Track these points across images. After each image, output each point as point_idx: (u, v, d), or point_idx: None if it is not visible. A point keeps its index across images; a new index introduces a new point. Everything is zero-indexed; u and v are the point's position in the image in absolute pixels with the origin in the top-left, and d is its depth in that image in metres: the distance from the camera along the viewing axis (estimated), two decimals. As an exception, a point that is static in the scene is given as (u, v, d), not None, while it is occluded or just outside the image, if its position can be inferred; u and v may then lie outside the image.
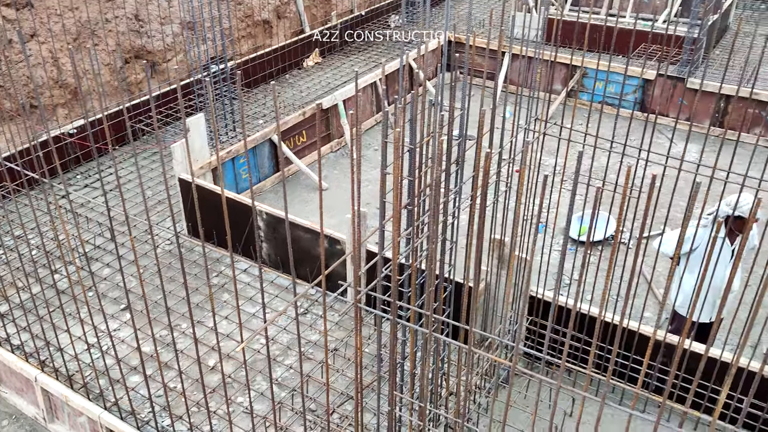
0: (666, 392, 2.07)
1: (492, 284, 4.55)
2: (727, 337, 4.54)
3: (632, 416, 2.16)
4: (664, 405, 2.05)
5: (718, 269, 4.21)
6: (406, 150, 3.00)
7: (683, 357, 4.43)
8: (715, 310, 4.67)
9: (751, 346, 5.15)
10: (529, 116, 3.86)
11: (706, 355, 2.13)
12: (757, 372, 2.90)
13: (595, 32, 9.33)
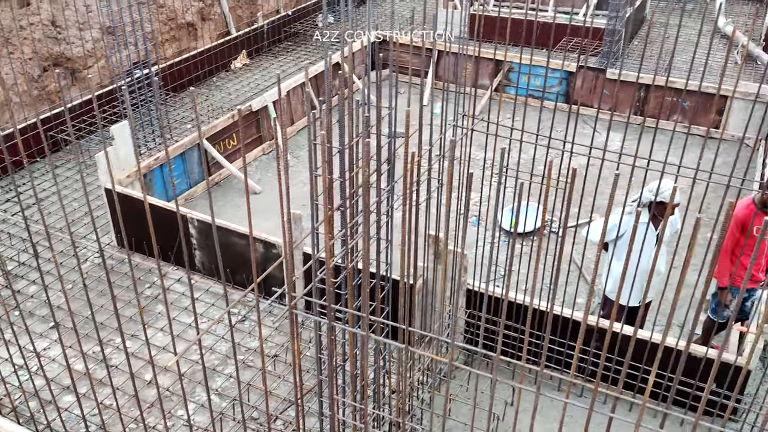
0: (598, 376, 2.13)
1: (429, 280, 4.58)
2: (656, 319, 4.71)
3: (569, 403, 2.21)
4: (596, 390, 2.10)
5: (645, 254, 4.35)
6: (335, 151, 2.98)
7: (615, 340, 4.57)
8: (641, 294, 4.83)
9: (678, 325, 5.36)
10: (456, 112, 3.91)
11: (635, 337, 2.20)
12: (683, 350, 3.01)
13: (519, 27, 9.52)
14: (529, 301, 2.14)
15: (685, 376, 4.43)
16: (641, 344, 4.50)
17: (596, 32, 10.04)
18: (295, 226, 4.84)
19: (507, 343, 5.00)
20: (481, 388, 4.81)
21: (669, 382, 4.46)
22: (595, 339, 4.61)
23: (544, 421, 4.55)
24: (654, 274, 4.80)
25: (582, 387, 4.85)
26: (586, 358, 4.72)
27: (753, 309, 4.88)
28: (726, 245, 4.70)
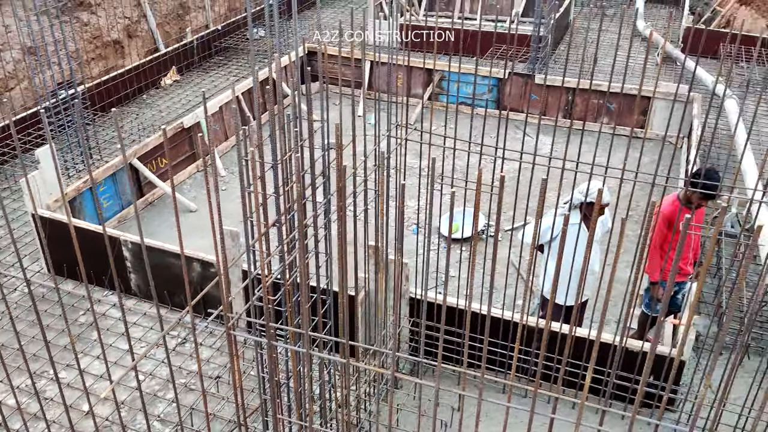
0: (538, 376, 2.16)
1: (372, 291, 4.57)
2: (593, 316, 4.82)
3: (511, 406, 2.23)
4: (536, 391, 2.13)
5: (579, 254, 4.46)
6: (269, 167, 2.95)
7: (555, 340, 4.66)
8: (581, 292, 4.94)
9: (615, 321, 5.51)
10: (389, 122, 3.92)
11: (571, 336, 2.25)
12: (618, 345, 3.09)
13: (450, 36, 9.66)
14: (467, 306, 2.16)
15: (624, 370, 4.55)
16: (580, 342, 4.59)
17: (523, 39, 10.28)
18: (232, 244, 4.76)
19: (452, 350, 5.04)
20: (427, 396, 4.83)
21: (610, 377, 4.57)
22: (536, 340, 4.69)
23: (490, 424, 4.60)
24: (588, 272, 4.93)
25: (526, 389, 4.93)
26: (529, 359, 4.79)
27: (684, 301, 5.05)
28: (655, 241, 4.86)
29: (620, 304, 5.25)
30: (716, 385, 4.55)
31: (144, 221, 7.65)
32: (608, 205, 4.75)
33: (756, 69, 9.96)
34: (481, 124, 5.04)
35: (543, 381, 4.96)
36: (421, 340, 2.52)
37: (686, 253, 5.04)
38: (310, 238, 3.22)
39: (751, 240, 1.84)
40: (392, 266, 4.65)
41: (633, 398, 4.64)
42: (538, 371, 2.11)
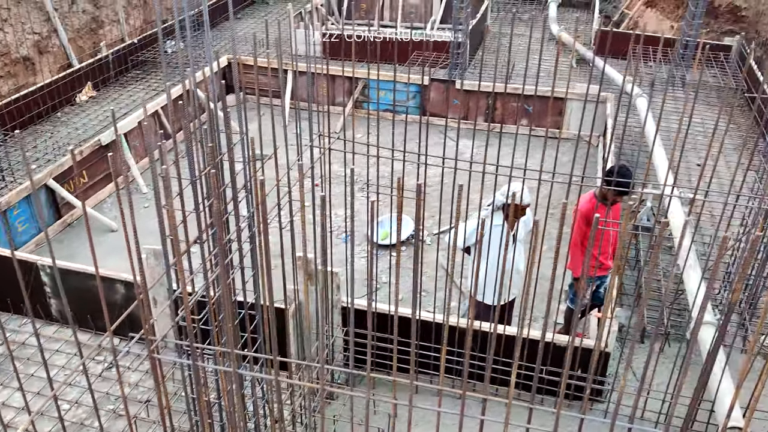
0: (465, 376, 2.18)
1: (304, 303, 4.53)
2: (521, 314, 4.93)
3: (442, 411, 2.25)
4: (464, 393, 2.16)
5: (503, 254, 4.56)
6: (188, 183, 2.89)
7: (486, 340, 4.74)
8: (507, 292, 5.04)
9: (543, 318, 5.65)
10: (311, 132, 3.91)
11: (496, 334, 2.29)
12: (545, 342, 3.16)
13: (371, 44, 9.72)
14: (395, 311, 2.17)
15: (554, 365, 4.66)
16: (510, 341, 4.69)
17: (442, 46, 10.45)
18: (156, 263, 4.64)
19: (387, 356, 5.05)
20: (363, 405, 4.82)
21: (540, 374, 4.68)
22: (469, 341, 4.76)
23: (426, 428, 4.63)
24: (513, 272, 5.05)
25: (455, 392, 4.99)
26: (462, 360, 4.85)
27: (606, 295, 5.23)
28: (575, 238, 5.02)
29: (547, 301, 5.39)
30: (641, 374, 4.73)
31: (63, 243, 7.36)
32: (529, 206, 4.87)
33: (663, 67, 10.44)
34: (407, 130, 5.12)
35: (477, 382, 5.03)
36: (351, 349, 2.52)
37: (606, 248, 5.22)
38: (235, 252, 3.17)
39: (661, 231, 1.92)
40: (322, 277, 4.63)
41: (567, 393, 4.77)
42: (464, 372, 2.13)
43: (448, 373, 5.09)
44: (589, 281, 5.17)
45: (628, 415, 4.57)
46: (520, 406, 2.37)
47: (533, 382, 2.19)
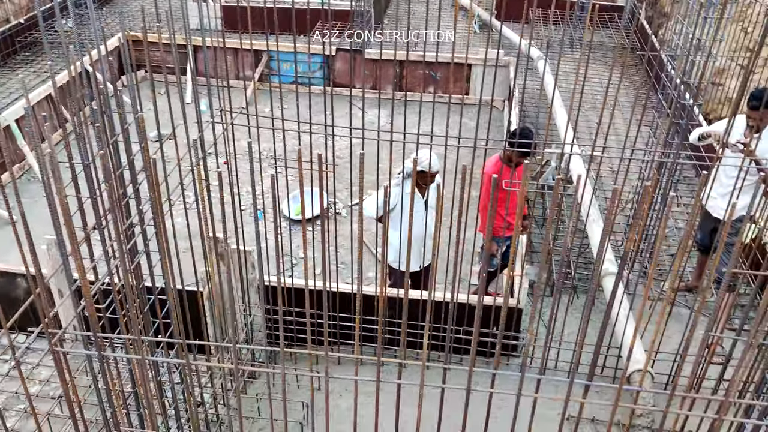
0: (379, 343, 2.20)
1: (218, 284, 4.45)
2: (436, 278, 5.02)
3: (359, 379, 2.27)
4: (380, 360, 2.18)
5: (417, 221, 4.62)
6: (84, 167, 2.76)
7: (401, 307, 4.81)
8: (422, 258, 5.12)
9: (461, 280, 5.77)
10: (211, 108, 3.81)
11: (406, 298, 2.33)
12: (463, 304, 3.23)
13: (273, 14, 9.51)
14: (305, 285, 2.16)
15: (471, 326, 4.79)
16: (426, 305, 4.77)
17: (347, 14, 10.35)
18: (58, 253, 4.43)
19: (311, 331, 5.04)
20: (288, 381, 4.82)
21: (458, 334, 4.80)
22: (386, 309, 4.82)
23: (349, 398, 4.67)
24: (427, 238, 5.13)
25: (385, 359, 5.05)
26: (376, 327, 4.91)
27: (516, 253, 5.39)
28: (484, 201, 5.13)
29: (462, 264, 5.51)
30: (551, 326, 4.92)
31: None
32: (438, 173, 4.93)
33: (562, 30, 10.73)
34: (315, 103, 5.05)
35: (398, 348, 5.11)
36: (263, 327, 2.50)
37: (513, 209, 5.36)
38: (138, 236, 3.07)
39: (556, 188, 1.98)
40: (236, 256, 4.55)
41: (482, 351, 4.92)
42: (379, 338, 2.16)
43: (371, 342, 5.15)
44: (499, 242, 5.32)
45: (543, 366, 4.77)
46: (436, 367, 2.42)
47: (446, 342, 2.24)
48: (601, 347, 4.74)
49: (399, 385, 2.31)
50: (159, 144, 3.09)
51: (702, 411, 4.02)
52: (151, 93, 3.06)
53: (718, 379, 3.82)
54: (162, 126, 3.34)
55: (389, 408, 2.43)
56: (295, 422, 4.40)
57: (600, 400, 4.52)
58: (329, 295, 4.87)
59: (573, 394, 2.02)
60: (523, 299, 4.81)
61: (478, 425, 2.56)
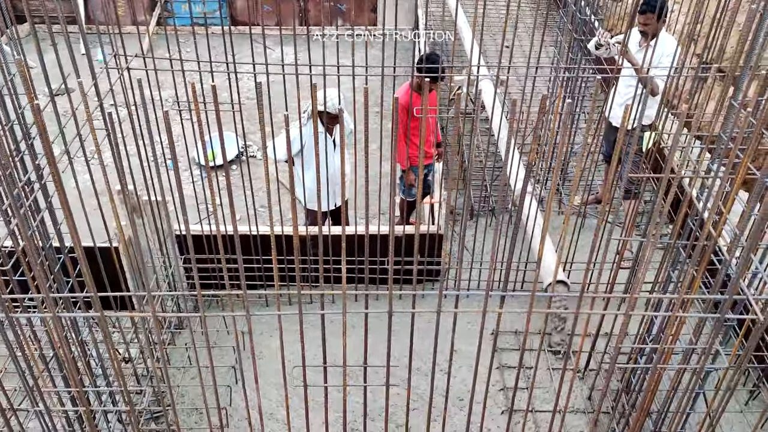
0: (298, 280, 2.21)
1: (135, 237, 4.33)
2: (356, 214, 5.05)
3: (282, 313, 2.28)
4: (300, 293, 2.19)
5: (328, 160, 4.59)
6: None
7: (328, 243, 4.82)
8: (336, 196, 5.11)
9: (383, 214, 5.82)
10: (104, 54, 3.61)
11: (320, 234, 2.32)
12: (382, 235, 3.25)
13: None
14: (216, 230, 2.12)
15: (397, 255, 4.85)
16: (350, 239, 4.80)
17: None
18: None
19: (233, 276, 5.01)
20: (216, 327, 4.79)
21: (383, 266, 4.86)
22: (310, 247, 4.82)
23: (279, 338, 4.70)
24: (338, 176, 5.10)
25: (311, 295, 5.09)
26: (307, 266, 4.93)
27: (434, 181, 5.47)
28: (399, 131, 5.14)
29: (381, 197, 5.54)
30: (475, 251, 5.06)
31: None
32: (343, 110, 4.88)
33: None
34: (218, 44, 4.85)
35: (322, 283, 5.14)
36: (180, 274, 2.46)
37: (428, 137, 5.40)
38: (38, 192, 2.93)
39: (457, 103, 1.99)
40: (151, 207, 4.42)
41: (410, 279, 5.01)
42: (297, 276, 2.15)
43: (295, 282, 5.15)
44: (417, 171, 5.36)
45: (462, 288, 4.91)
46: (358, 293, 2.45)
47: (365, 270, 2.26)
48: (519, 264, 4.93)
49: (323, 316, 2.33)
50: (50, 97, 2.91)
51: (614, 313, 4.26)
52: (35, 46, 2.87)
53: (627, 280, 4.04)
54: (55, 80, 3.16)
55: (318, 341, 2.46)
56: (228, 367, 4.40)
57: (518, 309, 4.73)
58: (249, 240, 4.83)
59: (491, 306, 2.09)
60: (443, 225, 4.90)
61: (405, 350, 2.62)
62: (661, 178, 2.01)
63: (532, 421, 4.02)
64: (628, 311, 2.17)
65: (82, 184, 5.52)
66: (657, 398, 4.18)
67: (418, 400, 4.15)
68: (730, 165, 2.03)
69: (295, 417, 4.02)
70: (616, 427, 3.79)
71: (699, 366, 2.46)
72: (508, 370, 4.38)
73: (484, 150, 6.77)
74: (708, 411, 2.67)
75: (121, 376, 2.44)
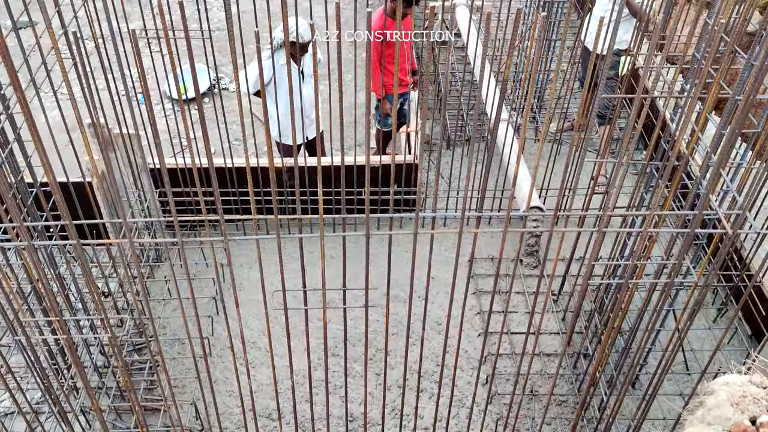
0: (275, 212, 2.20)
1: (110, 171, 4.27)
2: (332, 146, 5.02)
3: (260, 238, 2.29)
4: (277, 221, 2.19)
5: (295, 93, 4.51)
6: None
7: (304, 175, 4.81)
8: (307, 129, 5.06)
9: (359, 145, 5.79)
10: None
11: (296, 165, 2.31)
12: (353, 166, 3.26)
13: None
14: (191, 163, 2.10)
15: (375, 185, 4.85)
16: (326, 171, 4.78)
17: None
18: None
19: (209, 209, 4.99)
20: (195, 260, 4.81)
21: (360, 196, 4.87)
22: (286, 179, 4.80)
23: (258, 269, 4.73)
24: (310, 108, 5.04)
25: (289, 224, 5.11)
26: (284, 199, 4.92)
27: (409, 110, 5.42)
28: (373, 60, 5.06)
29: (357, 129, 5.50)
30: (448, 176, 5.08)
31: None
32: (311, 41, 4.78)
33: None
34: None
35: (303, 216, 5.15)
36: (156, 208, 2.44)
37: (403, 65, 5.32)
38: (5, 123, 2.87)
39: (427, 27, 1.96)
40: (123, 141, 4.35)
41: (387, 208, 5.04)
42: (273, 201, 2.15)
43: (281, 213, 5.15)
44: (392, 100, 5.31)
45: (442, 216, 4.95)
46: (332, 217, 2.46)
47: (341, 205, 2.26)
48: (495, 192, 4.96)
49: (301, 240, 2.35)
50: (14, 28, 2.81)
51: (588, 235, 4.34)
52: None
53: (601, 203, 4.10)
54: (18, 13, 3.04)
55: (297, 272, 2.48)
56: (208, 298, 4.44)
57: (493, 232, 4.79)
58: (223, 172, 4.79)
59: (467, 229, 2.12)
60: (420, 155, 4.89)
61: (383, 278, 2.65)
62: (635, 101, 2.02)
63: (507, 342, 4.14)
64: (601, 228, 2.21)
65: (52, 120, 5.41)
66: (628, 318, 4.31)
67: (397, 326, 4.24)
68: (701, 83, 2.03)
69: (277, 345, 4.09)
70: (589, 345, 3.92)
71: (669, 281, 2.53)
72: (484, 295, 4.48)
73: (460, 78, 6.71)
74: (676, 327, 2.77)
75: (101, 306, 2.45)
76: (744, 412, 1.63)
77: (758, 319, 4.13)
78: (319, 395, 3.84)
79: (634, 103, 2.01)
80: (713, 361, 2.68)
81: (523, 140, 2.06)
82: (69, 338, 2.42)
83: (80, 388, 3.80)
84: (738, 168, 3.28)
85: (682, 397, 3.85)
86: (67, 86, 1.96)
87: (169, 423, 3.71)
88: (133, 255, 2.18)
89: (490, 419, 3.74)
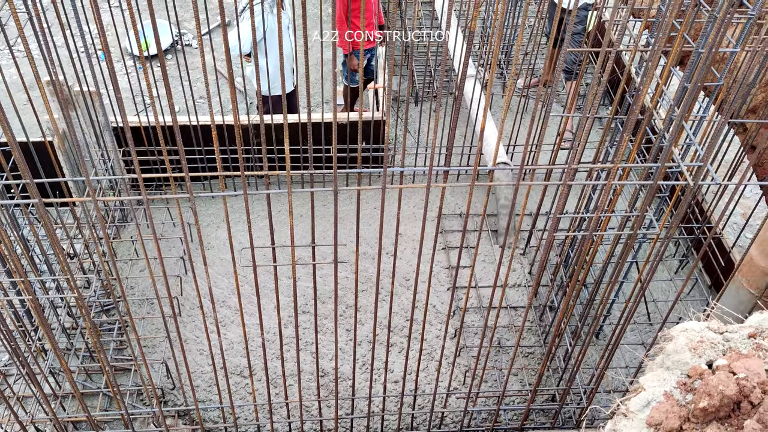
0: (242, 169, 2.19)
1: (71, 130, 4.18)
2: (298, 102, 4.96)
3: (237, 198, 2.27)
4: (243, 177, 2.18)
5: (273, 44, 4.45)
6: None
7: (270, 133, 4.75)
8: (293, 76, 5.01)
9: (326, 102, 5.74)
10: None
11: (286, 122, 2.28)
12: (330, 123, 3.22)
13: None
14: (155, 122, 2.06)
15: (343, 143, 4.82)
16: (293, 128, 4.74)
17: None
18: None
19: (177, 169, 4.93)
20: (162, 220, 4.76)
21: (328, 154, 4.84)
22: (253, 136, 4.75)
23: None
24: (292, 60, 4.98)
25: (256, 181, 5.07)
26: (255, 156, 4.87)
27: (377, 66, 5.37)
28: (339, 14, 4.98)
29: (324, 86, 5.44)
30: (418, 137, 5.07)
31: None
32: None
33: None
34: None
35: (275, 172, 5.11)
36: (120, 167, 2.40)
37: (370, 20, 5.26)
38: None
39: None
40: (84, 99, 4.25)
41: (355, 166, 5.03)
42: (240, 159, 2.13)
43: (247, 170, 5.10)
44: (359, 55, 5.25)
45: (410, 174, 4.96)
46: (300, 173, 2.44)
47: (309, 162, 2.25)
48: (463, 148, 4.97)
49: (268, 195, 2.34)
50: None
51: (554, 189, 4.38)
52: None
53: (567, 158, 4.14)
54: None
55: (266, 231, 2.48)
56: (176, 258, 4.41)
57: (462, 187, 4.82)
58: (188, 130, 4.72)
59: (434, 183, 2.12)
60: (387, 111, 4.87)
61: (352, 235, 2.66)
62: (600, 55, 2.02)
63: (475, 297, 4.20)
64: (566, 182, 2.23)
65: (9, 78, 5.25)
66: (593, 271, 4.40)
67: (367, 282, 4.28)
68: (665, 36, 2.05)
69: (246, 303, 4.10)
70: (555, 297, 4.00)
71: (632, 233, 2.58)
72: (453, 250, 4.52)
73: (427, 33, 6.65)
74: (639, 278, 2.84)
75: (66, 267, 2.43)
76: (701, 356, 1.69)
77: (717, 269, 4.25)
78: (290, 352, 3.87)
79: (599, 57, 2.02)
80: (674, 310, 2.76)
81: (489, 95, 2.06)
82: (35, 299, 2.39)
83: (48, 350, 3.78)
84: (700, 121, 3.33)
85: (644, 347, 3.97)
86: (24, 42, 1.90)
87: (140, 382, 3.71)
88: (99, 215, 2.15)
89: (459, 371, 3.82)
